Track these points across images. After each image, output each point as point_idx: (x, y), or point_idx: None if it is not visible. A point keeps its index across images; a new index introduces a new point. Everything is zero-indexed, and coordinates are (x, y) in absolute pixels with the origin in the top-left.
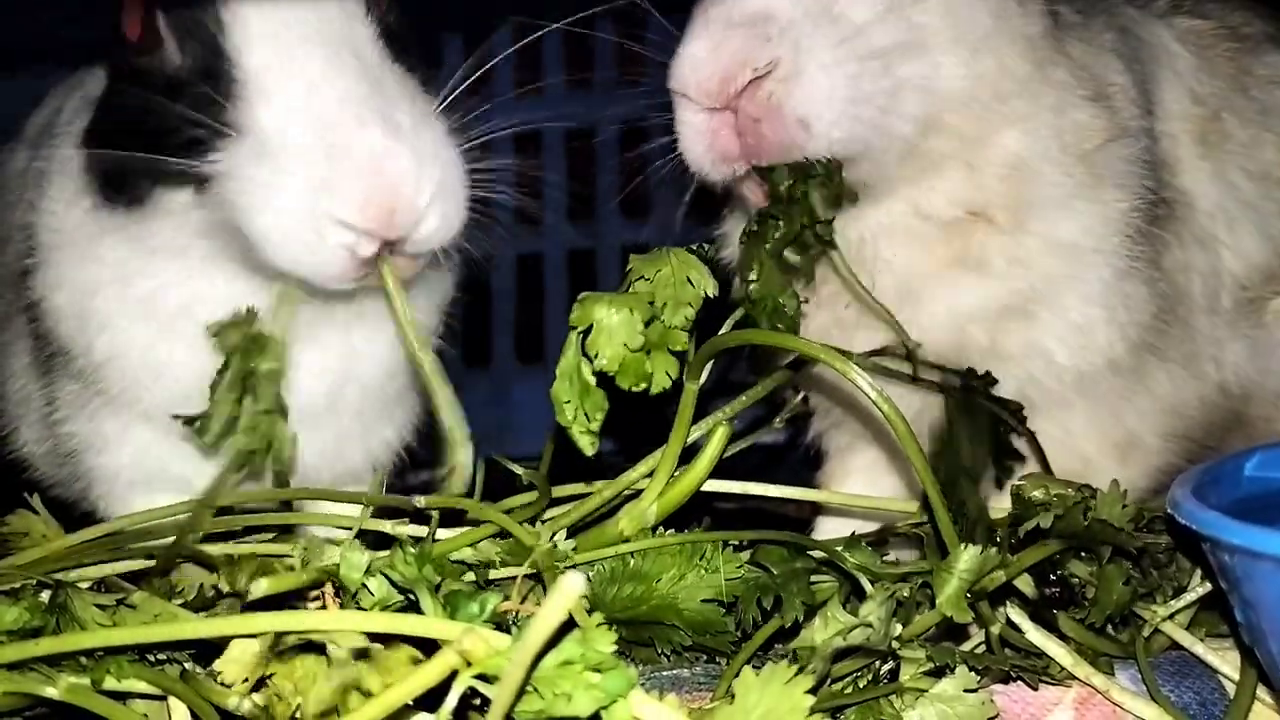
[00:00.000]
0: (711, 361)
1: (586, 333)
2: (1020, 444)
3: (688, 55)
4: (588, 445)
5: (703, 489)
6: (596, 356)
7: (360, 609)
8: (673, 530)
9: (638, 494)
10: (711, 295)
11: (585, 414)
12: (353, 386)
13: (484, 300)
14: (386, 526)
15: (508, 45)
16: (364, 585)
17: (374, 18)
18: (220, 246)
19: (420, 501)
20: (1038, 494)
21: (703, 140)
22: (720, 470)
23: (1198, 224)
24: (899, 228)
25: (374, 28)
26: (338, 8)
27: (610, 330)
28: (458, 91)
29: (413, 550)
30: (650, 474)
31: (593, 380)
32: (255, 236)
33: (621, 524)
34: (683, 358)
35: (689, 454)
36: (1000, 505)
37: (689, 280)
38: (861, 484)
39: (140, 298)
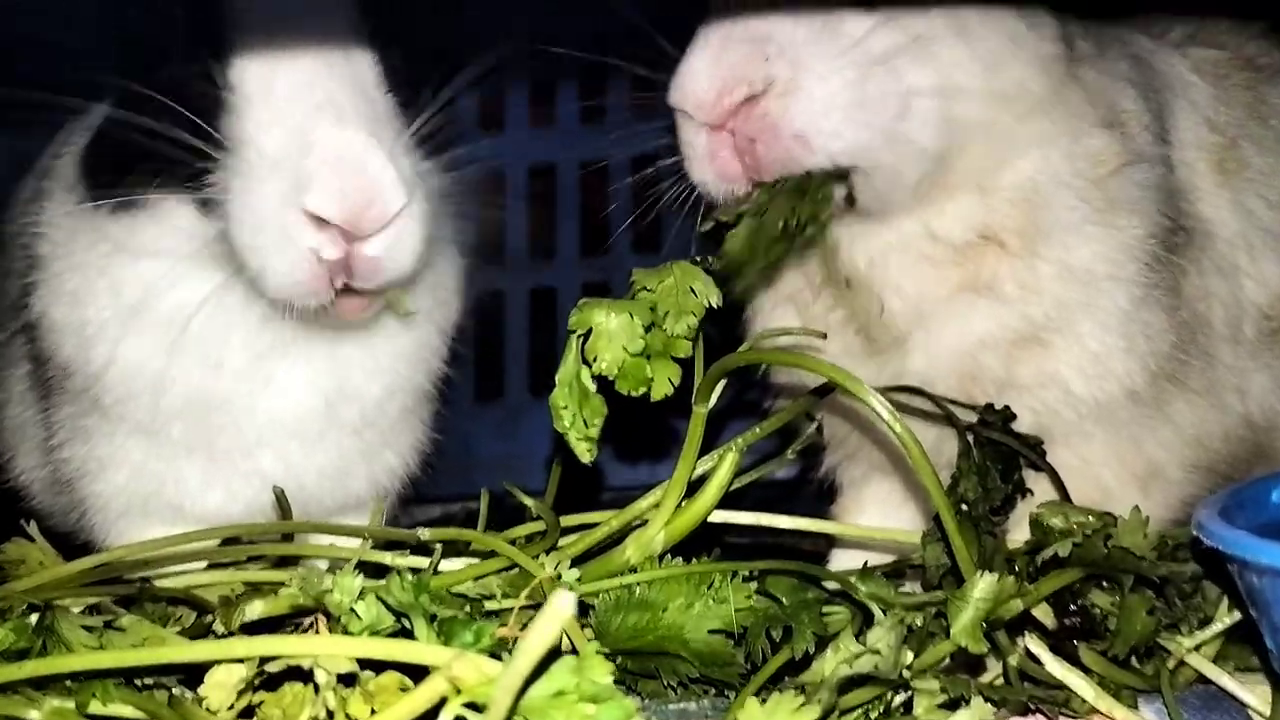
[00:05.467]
0: (722, 383)
1: (587, 338)
2: (1038, 477)
3: (686, 70)
4: (585, 452)
5: (713, 520)
6: (595, 360)
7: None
8: (680, 560)
9: (646, 524)
10: (715, 306)
11: (584, 420)
12: (349, 404)
13: (497, 333)
14: (386, 558)
15: (522, 75)
16: (352, 610)
17: (372, 50)
18: (220, 260)
19: (424, 534)
20: (1057, 521)
21: (705, 159)
22: (730, 502)
23: (1218, 252)
24: (910, 250)
25: (370, 58)
26: (337, 36)
27: (610, 334)
28: (434, 119)
29: (410, 577)
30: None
31: (592, 386)
32: (235, 245)
33: (628, 552)
34: (687, 366)
35: (699, 483)
36: (1016, 537)
37: (692, 290)
38: (877, 517)
39: (134, 306)
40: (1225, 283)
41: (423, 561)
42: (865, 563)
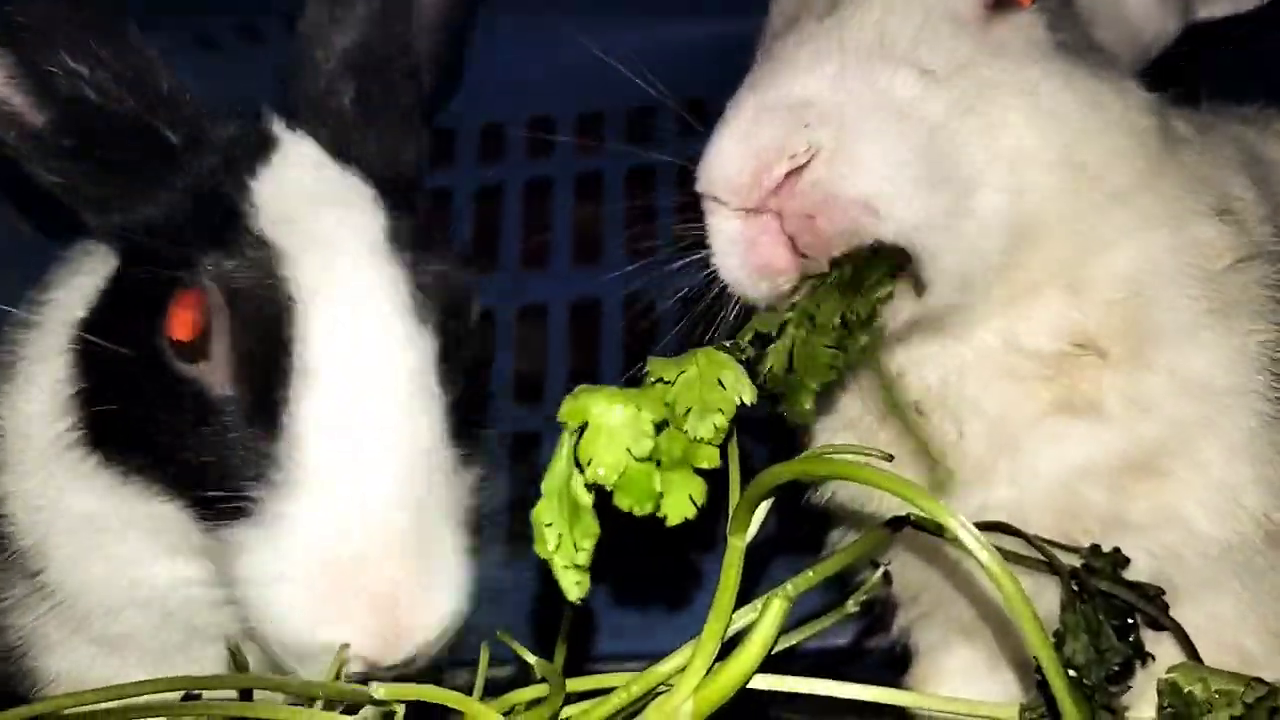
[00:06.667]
0: (766, 509)
1: (581, 435)
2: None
3: (715, 149)
4: (573, 585)
5: (754, 687)
6: (590, 464)
7: None
8: None
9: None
10: (748, 403)
11: (573, 543)
12: None
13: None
14: None
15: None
16: None
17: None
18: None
19: (379, 692)
20: (1196, 689)
21: (738, 251)
22: (775, 667)
23: None
24: (989, 365)
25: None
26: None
27: (610, 431)
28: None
29: None
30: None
31: (586, 498)
32: (247, 591)
33: None
34: (713, 485)
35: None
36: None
37: (720, 383)
38: (960, 691)
39: (102, 552)
40: None
41: None
42: None
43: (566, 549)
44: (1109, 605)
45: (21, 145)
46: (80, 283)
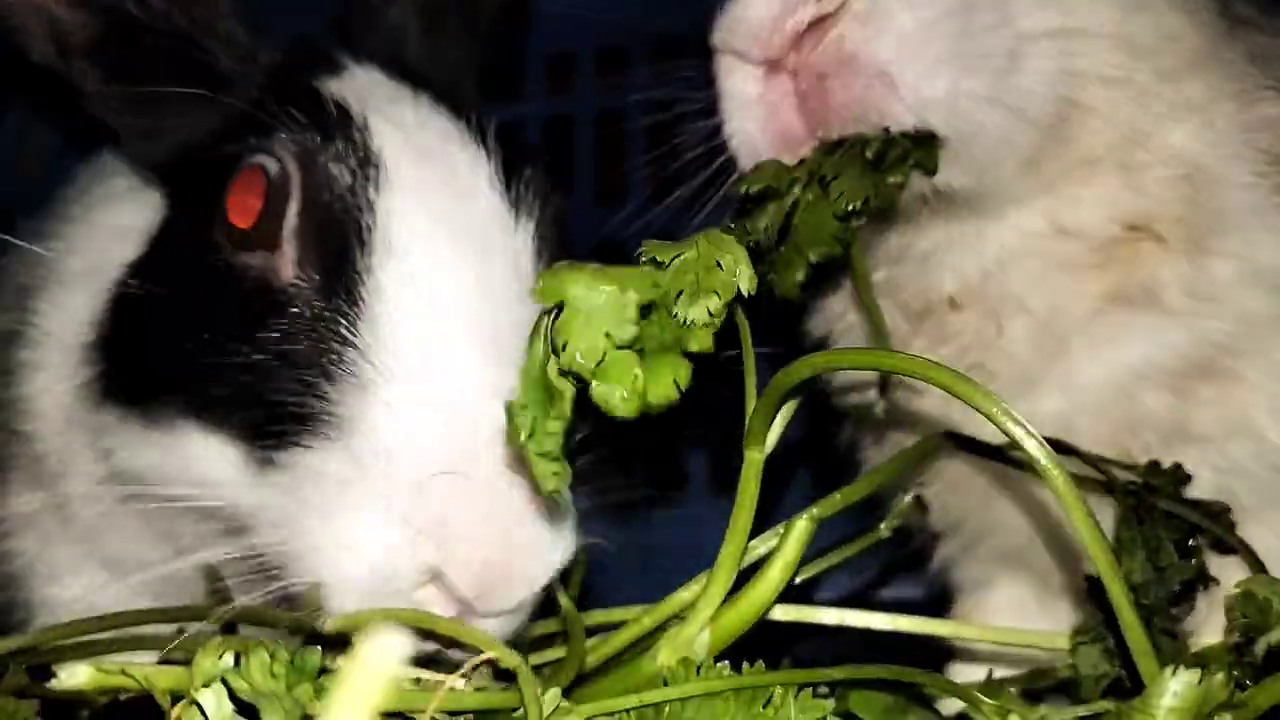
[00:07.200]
0: (788, 414)
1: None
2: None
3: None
4: (550, 477)
5: (777, 619)
6: (565, 348)
7: None
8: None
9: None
10: (748, 292)
11: (545, 431)
12: None
13: None
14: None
15: None
16: (195, 703)
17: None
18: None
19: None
20: (1274, 598)
21: (756, 116)
22: (801, 597)
23: None
24: (1035, 253)
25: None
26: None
27: (588, 313)
28: None
29: (286, 655)
30: None
31: (564, 385)
32: (307, 530)
33: (660, 658)
34: (707, 365)
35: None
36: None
37: (718, 265)
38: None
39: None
40: None
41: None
42: (990, 672)
43: (540, 437)
44: (1169, 524)
45: (68, 64)
46: (124, 194)
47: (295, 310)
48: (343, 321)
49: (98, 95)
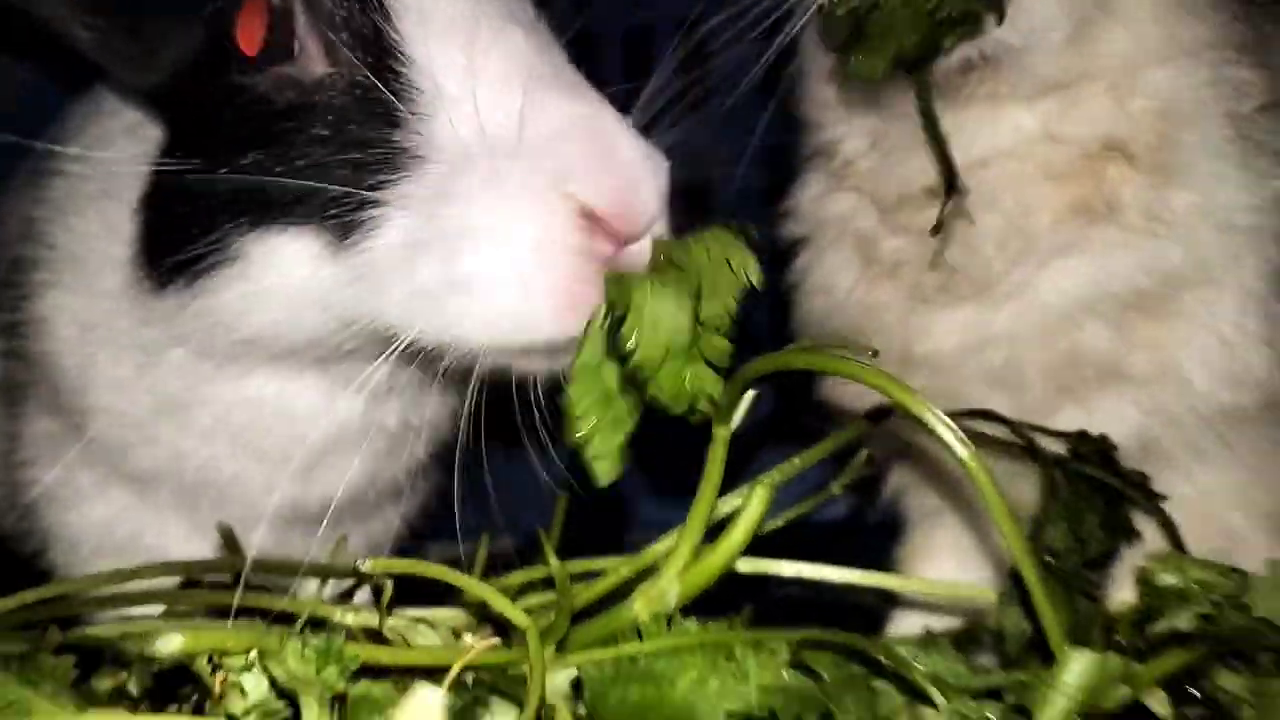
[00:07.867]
0: (751, 397)
1: (620, 321)
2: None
3: None
4: (606, 472)
5: (744, 571)
6: (634, 352)
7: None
8: (698, 622)
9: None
10: (756, 286)
11: (609, 427)
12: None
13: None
14: (335, 614)
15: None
16: (239, 686)
17: None
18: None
19: (365, 565)
20: (1172, 579)
21: None
22: (770, 549)
23: None
24: (1021, 156)
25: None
26: None
27: (655, 319)
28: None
29: (316, 642)
30: None
31: (621, 385)
32: (466, 273)
33: (637, 606)
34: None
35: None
36: (1118, 597)
37: (728, 264)
38: (951, 567)
39: (159, 385)
40: None
41: (374, 618)
42: (925, 628)
43: (603, 437)
44: (1093, 489)
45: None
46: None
47: (333, 98)
48: (385, 93)
49: (85, 26)
